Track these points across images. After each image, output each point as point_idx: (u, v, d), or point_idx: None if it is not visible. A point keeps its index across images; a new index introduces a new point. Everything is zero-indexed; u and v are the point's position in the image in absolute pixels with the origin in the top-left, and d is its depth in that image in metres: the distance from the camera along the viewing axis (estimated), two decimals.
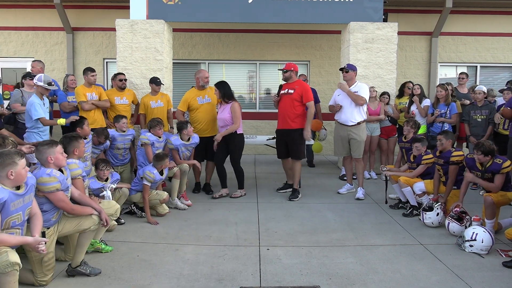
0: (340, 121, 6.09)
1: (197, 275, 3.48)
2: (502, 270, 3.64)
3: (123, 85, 6.59)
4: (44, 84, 5.20)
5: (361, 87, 6.00)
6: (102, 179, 4.59)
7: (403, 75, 9.64)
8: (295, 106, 5.79)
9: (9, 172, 2.82)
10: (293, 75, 5.92)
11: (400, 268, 3.65)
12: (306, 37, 9.80)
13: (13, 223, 2.89)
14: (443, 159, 4.98)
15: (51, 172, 3.22)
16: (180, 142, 5.64)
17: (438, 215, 4.72)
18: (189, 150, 5.82)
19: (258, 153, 9.77)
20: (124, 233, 4.49)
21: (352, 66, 6.16)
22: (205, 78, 6.13)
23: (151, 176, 4.90)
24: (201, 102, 6.11)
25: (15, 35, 9.61)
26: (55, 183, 3.21)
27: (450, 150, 4.98)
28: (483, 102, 6.50)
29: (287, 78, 5.92)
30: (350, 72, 6.03)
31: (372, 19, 7.52)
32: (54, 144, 3.38)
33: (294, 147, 5.88)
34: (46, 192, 3.20)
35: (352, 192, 6.20)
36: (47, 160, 3.29)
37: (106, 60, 9.82)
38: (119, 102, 6.47)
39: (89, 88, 6.29)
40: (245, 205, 5.64)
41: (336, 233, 4.56)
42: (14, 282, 2.71)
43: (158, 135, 5.61)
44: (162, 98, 6.52)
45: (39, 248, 2.81)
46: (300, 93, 5.78)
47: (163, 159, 5.06)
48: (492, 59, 9.91)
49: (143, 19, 7.37)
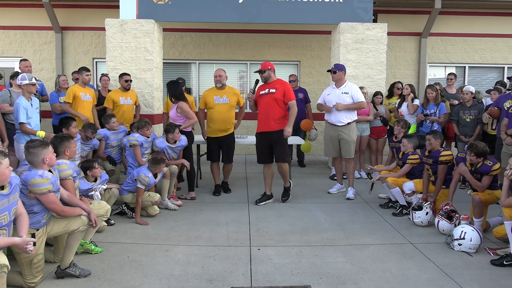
0: (330, 121, 6.08)
1: (187, 276, 3.46)
2: (490, 268, 3.68)
3: (128, 86, 6.64)
4: (30, 81, 5.01)
5: (352, 88, 5.95)
6: (91, 180, 4.53)
7: (392, 75, 9.71)
8: (279, 105, 5.50)
9: None
10: (272, 74, 5.63)
11: (390, 267, 3.67)
12: (296, 37, 9.82)
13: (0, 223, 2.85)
14: (432, 159, 5.02)
15: (43, 173, 3.18)
16: (165, 145, 5.57)
17: (427, 214, 4.77)
18: (176, 152, 5.73)
19: (249, 153, 9.77)
20: (114, 234, 4.45)
21: (339, 66, 6.11)
22: (216, 76, 5.93)
23: (145, 180, 4.85)
24: (217, 101, 5.93)
25: (2, 35, 9.48)
26: (47, 184, 3.17)
27: (439, 150, 5.02)
28: (471, 102, 6.57)
29: (266, 78, 5.60)
30: (338, 73, 5.96)
31: (362, 20, 7.57)
32: (47, 144, 3.34)
33: (280, 149, 5.57)
34: (38, 193, 3.15)
35: (343, 192, 6.22)
36: (42, 161, 3.24)
37: (95, 59, 9.75)
38: (123, 102, 6.54)
39: (83, 88, 6.28)
40: (236, 205, 5.63)
41: (327, 233, 4.58)
42: (2, 284, 2.68)
43: (146, 135, 5.56)
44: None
45: (27, 248, 2.77)
46: (282, 92, 5.50)
47: (159, 163, 5.01)
48: (480, 60, 10.03)
49: (133, 18, 7.33)
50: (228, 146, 6.09)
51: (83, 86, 6.29)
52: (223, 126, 5.97)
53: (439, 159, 4.92)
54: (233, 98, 5.99)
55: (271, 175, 5.80)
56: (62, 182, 3.60)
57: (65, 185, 3.62)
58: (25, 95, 5.06)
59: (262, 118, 5.62)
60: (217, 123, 5.95)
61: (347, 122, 5.95)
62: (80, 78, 6.32)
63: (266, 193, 5.81)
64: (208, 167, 6.25)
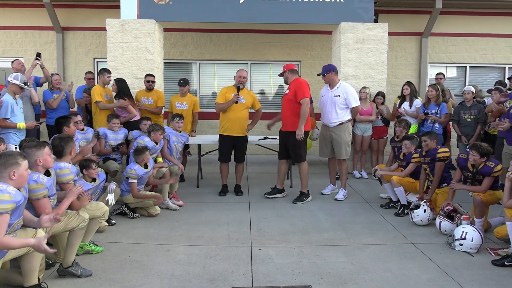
0: (324, 122, 6.05)
1: (188, 276, 3.47)
2: (491, 268, 3.68)
3: (150, 86, 6.75)
4: (20, 83, 5.05)
5: (345, 90, 5.76)
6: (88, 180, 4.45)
7: (393, 75, 9.70)
8: (291, 107, 5.59)
9: (12, 172, 2.75)
10: (289, 75, 5.71)
11: (391, 267, 3.67)
12: (297, 37, 9.81)
13: (17, 227, 2.86)
14: (429, 157, 5.03)
15: (38, 178, 3.11)
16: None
17: (425, 212, 4.77)
18: (181, 142, 5.94)
19: (250, 153, 9.69)
20: (115, 234, 4.46)
21: (327, 67, 5.89)
22: (239, 77, 5.90)
23: (133, 173, 4.84)
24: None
25: (3, 35, 9.48)
26: (42, 189, 3.12)
27: (436, 148, 5.04)
28: (472, 102, 6.56)
29: (285, 80, 5.78)
30: (327, 75, 5.82)
31: (363, 20, 7.56)
32: (42, 145, 3.25)
33: (294, 149, 5.71)
34: (34, 199, 3.10)
35: (336, 193, 6.10)
36: (36, 163, 3.17)
37: (96, 59, 9.74)
38: (144, 102, 6.70)
39: (103, 88, 6.45)
40: (237, 205, 5.63)
41: (328, 233, 4.58)
42: None
43: (157, 140, 5.49)
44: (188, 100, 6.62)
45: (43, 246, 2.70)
46: (294, 91, 5.55)
47: (143, 152, 4.95)
48: (481, 60, 10.01)
49: (133, 18, 7.33)
50: (242, 145, 6.10)
51: (103, 86, 6.48)
52: (235, 125, 5.96)
53: (436, 156, 4.93)
54: (249, 100, 6.02)
55: (284, 172, 6.07)
56: (63, 186, 3.59)
57: (65, 188, 3.60)
58: (10, 93, 5.07)
59: (282, 118, 5.88)
60: (229, 122, 5.96)
61: (338, 122, 5.84)
62: (101, 79, 6.48)
63: (277, 186, 6.06)
64: (208, 167, 6.24)
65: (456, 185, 4.69)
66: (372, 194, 5.91)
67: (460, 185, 4.70)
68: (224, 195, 6.08)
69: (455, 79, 10.22)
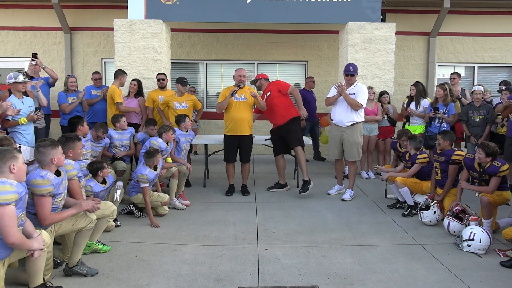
0: (335, 121, 5.99)
1: (195, 275, 3.47)
2: (499, 269, 3.65)
3: (161, 84, 6.82)
4: (15, 80, 4.99)
5: (360, 89, 5.79)
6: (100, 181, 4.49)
7: (401, 75, 9.66)
8: (281, 101, 6.00)
9: (12, 165, 2.78)
10: (263, 82, 6.26)
11: (398, 268, 3.66)
12: (304, 37, 9.80)
13: (21, 222, 2.87)
14: (444, 157, 4.98)
15: (46, 174, 3.14)
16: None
17: (435, 213, 4.75)
18: (188, 141, 6.01)
19: (256, 153, 9.73)
20: (123, 233, 4.48)
21: (356, 68, 5.91)
22: (238, 76, 5.88)
23: (144, 178, 4.79)
24: (236, 99, 5.89)
25: (12, 35, 9.58)
26: (48, 186, 3.13)
27: (453, 149, 5.00)
28: (481, 102, 6.51)
29: (259, 87, 6.28)
30: (355, 76, 5.85)
31: (370, 19, 7.54)
32: (56, 144, 3.30)
33: (291, 134, 5.98)
34: (38, 194, 3.11)
35: (343, 193, 6.06)
36: (50, 162, 3.21)
37: (104, 60, 9.80)
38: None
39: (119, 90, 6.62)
40: (244, 205, 5.64)
41: (335, 233, 4.57)
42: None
43: (169, 140, 5.48)
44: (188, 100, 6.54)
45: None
46: (276, 89, 6.03)
47: (154, 155, 4.92)
48: (490, 59, 9.93)
49: (141, 19, 7.37)
50: (247, 145, 6.09)
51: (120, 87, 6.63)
52: (238, 125, 5.95)
53: (451, 158, 4.88)
54: (251, 97, 5.95)
55: (283, 167, 6.33)
56: (68, 182, 3.61)
57: (71, 185, 3.62)
58: (15, 94, 5.05)
59: (273, 118, 6.18)
60: (233, 122, 5.95)
61: (351, 123, 5.82)
62: (120, 80, 6.66)
63: (279, 182, 6.38)
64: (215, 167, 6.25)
65: (464, 184, 4.66)
66: (379, 194, 5.88)
67: (468, 185, 4.67)
68: (230, 195, 6.08)
69: (464, 79, 10.12)
